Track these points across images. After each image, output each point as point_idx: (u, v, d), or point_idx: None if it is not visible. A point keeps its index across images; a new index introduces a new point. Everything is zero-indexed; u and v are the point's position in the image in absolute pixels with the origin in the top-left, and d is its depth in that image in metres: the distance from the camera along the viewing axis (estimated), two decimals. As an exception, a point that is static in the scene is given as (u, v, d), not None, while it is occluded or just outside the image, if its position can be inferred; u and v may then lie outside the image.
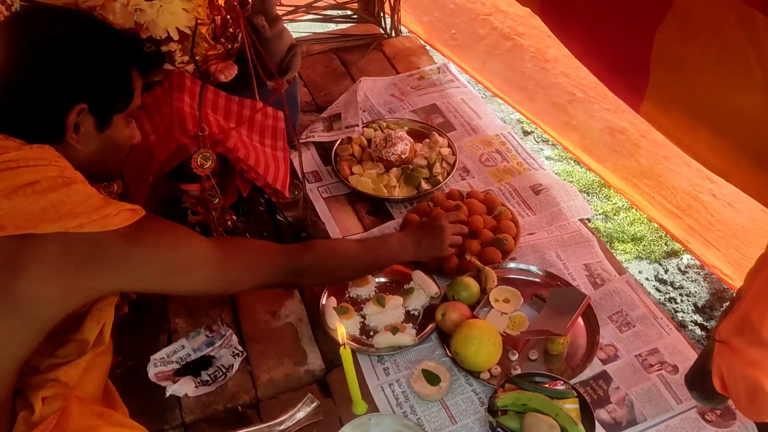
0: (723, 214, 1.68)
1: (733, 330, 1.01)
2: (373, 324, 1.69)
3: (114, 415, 1.25)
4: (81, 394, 1.28)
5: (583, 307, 1.57)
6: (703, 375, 1.14)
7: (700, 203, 1.73)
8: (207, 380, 1.54)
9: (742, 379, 1.01)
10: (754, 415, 1.04)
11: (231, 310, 1.72)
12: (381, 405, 1.52)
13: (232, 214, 1.91)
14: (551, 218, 1.95)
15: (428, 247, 1.66)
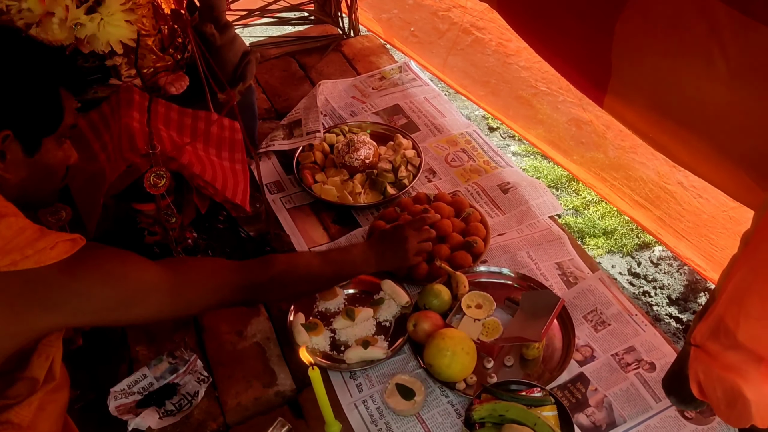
0: (692, 205, 1.65)
1: (708, 334, 0.98)
2: (343, 338, 1.63)
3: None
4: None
5: (557, 311, 1.54)
6: (680, 380, 1.11)
7: (668, 194, 1.70)
8: (172, 410, 1.47)
9: (719, 385, 0.98)
10: (734, 421, 1.01)
11: (195, 332, 1.66)
12: (355, 424, 1.46)
13: (193, 232, 1.84)
14: (521, 217, 1.91)
15: (392, 258, 1.60)
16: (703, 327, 0.99)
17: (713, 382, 1.00)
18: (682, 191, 1.66)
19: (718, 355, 0.97)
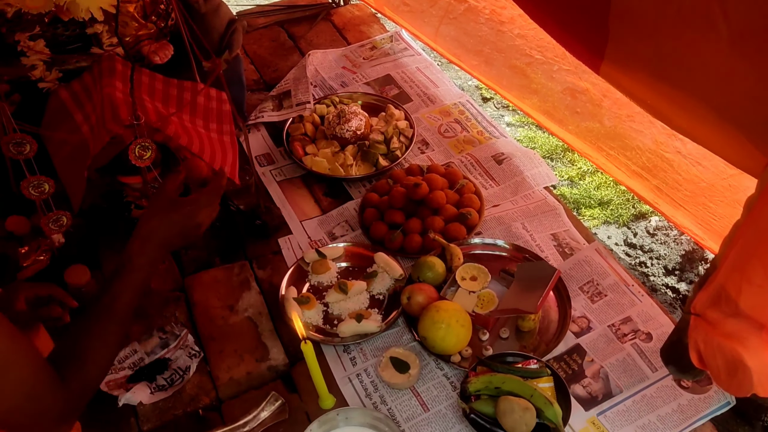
0: (690, 173, 1.63)
1: (708, 302, 0.96)
2: (336, 312, 1.61)
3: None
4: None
5: (553, 282, 1.51)
6: (679, 349, 1.09)
7: (666, 162, 1.67)
8: (163, 385, 1.45)
9: (720, 354, 0.97)
10: (735, 389, 0.99)
11: (185, 307, 1.63)
12: (349, 397, 1.45)
13: (181, 205, 1.80)
14: (515, 188, 1.88)
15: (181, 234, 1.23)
16: (704, 295, 0.97)
17: (713, 351, 0.98)
18: (680, 159, 1.64)
19: (718, 323, 0.95)
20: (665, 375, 1.41)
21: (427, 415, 1.40)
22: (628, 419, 1.36)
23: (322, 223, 1.85)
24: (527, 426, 1.27)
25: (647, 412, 1.36)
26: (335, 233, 1.82)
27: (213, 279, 1.68)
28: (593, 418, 1.37)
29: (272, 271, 1.71)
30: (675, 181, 1.68)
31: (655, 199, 1.74)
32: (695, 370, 1.09)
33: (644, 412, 1.36)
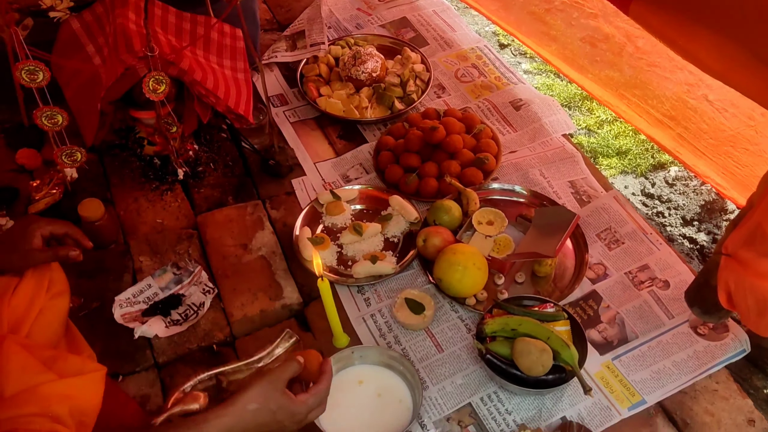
0: (715, 121, 1.59)
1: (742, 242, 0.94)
2: (350, 253, 1.60)
3: (69, 359, 1.14)
4: (36, 341, 1.18)
5: (572, 227, 1.50)
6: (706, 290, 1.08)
7: (691, 110, 1.63)
8: (178, 320, 1.45)
9: (751, 293, 0.95)
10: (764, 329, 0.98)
11: (199, 245, 1.61)
12: (363, 337, 1.44)
13: (194, 143, 1.77)
14: (533, 135, 1.85)
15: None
16: (737, 235, 0.95)
17: (744, 291, 0.97)
18: (706, 106, 1.60)
19: (751, 262, 0.94)
20: (682, 322, 1.41)
21: (442, 355, 1.40)
22: (643, 364, 1.36)
23: (336, 165, 1.82)
24: (544, 367, 1.27)
25: (662, 358, 1.36)
26: (349, 176, 1.80)
27: (226, 218, 1.66)
28: (608, 362, 1.37)
29: (286, 212, 1.70)
30: (699, 130, 1.64)
31: (677, 148, 1.71)
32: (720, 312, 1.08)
33: (659, 358, 1.36)
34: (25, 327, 1.19)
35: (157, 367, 1.40)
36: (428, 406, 1.32)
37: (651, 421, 1.29)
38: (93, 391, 1.15)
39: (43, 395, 1.06)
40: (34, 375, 1.10)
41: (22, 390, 1.06)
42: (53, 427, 1.03)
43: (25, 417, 1.02)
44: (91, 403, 1.14)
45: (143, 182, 1.73)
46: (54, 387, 1.08)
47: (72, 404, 1.08)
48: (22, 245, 1.21)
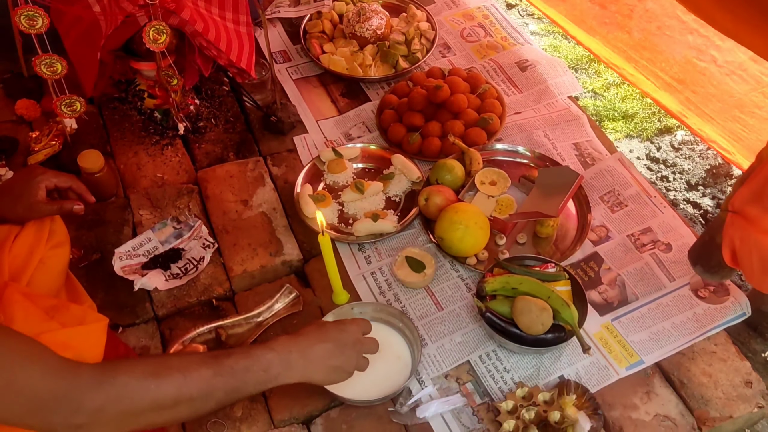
0: (723, 84, 1.57)
1: (749, 198, 0.93)
2: (352, 211, 1.59)
3: (71, 309, 1.14)
4: (36, 290, 1.18)
5: (575, 187, 1.48)
6: (710, 248, 1.07)
7: (699, 73, 1.61)
8: (177, 273, 1.44)
9: (756, 250, 0.94)
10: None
11: (199, 200, 1.60)
12: (363, 294, 1.44)
13: (195, 98, 1.75)
14: (538, 96, 1.83)
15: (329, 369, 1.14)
16: (745, 191, 0.94)
17: (749, 248, 0.96)
18: (714, 69, 1.57)
19: (757, 219, 0.93)
20: (682, 285, 1.40)
21: (441, 314, 1.40)
22: (642, 325, 1.36)
23: (339, 123, 1.80)
24: (543, 326, 1.27)
25: (662, 320, 1.36)
26: (352, 134, 1.78)
27: (227, 173, 1.65)
28: (608, 323, 1.37)
29: (287, 169, 1.68)
30: (707, 93, 1.62)
31: (684, 112, 1.69)
32: (723, 271, 1.07)
33: (659, 320, 1.36)
34: (25, 276, 1.19)
35: (156, 319, 1.41)
36: (427, 363, 1.33)
37: (648, 380, 1.30)
38: (95, 340, 1.15)
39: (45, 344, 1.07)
40: (36, 323, 1.10)
41: None
42: None
43: None
44: (93, 352, 1.14)
45: (143, 136, 1.71)
46: (56, 336, 1.08)
47: (74, 353, 1.08)
48: (27, 196, 1.21)
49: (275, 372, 1.07)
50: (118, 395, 0.90)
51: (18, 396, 0.83)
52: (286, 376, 1.08)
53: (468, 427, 1.24)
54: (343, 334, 1.16)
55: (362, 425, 1.24)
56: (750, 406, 1.26)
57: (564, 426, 1.19)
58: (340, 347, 1.14)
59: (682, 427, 1.24)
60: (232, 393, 1.03)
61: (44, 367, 0.85)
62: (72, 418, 0.86)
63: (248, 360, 1.05)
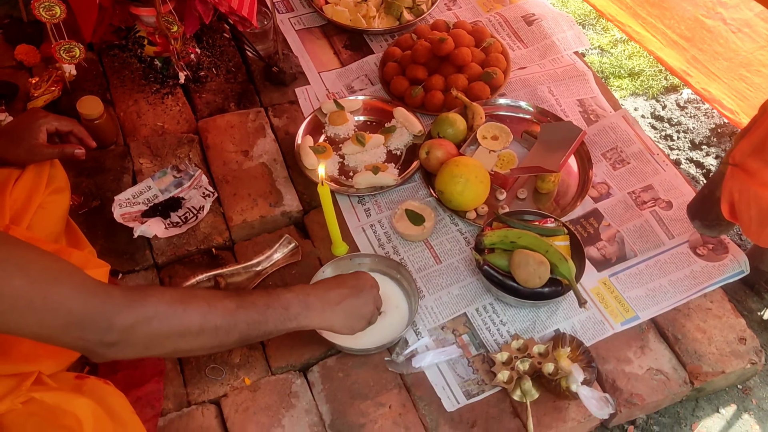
0: (730, 42, 1.54)
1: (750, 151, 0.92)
2: (352, 164, 1.58)
3: (72, 254, 1.15)
4: (36, 234, 1.18)
5: (578, 142, 1.47)
6: (709, 202, 1.06)
7: (707, 31, 1.58)
8: (177, 222, 1.45)
9: (755, 203, 0.94)
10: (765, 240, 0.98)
11: (199, 149, 1.60)
12: (362, 246, 1.45)
13: (195, 47, 1.73)
14: (544, 51, 1.80)
15: (348, 313, 1.15)
16: (746, 143, 0.93)
17: (748, 200, 0.95)
18: (722, 27, 1.54)
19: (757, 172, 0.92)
20: (682, 242, 1.40)
21: (439, 266, 1.41)
22: (639, 282, 1.36)
23: (341, 75, 1.78)
24: (540, 279, 1.27)
25: (659, 276, 1.37)
26: (354, 87, 1.76)
27: (227, 124, 1.64)
28: (605, 279, 1.37)
29: (288, 120, 1.67)
30: (714, 51, 1.59)
31: (689, 69, 1.66)
32: (721, 226, 1.07)
33: (656, 276, 1.37)
34: (25, 220, 1.20)
35: (156, 267, 1.42)
36: (424, 315, 1.34)
37: (642, 336, 1.31)
38: (97, 285, 1.16)
39: None
40: None
41: None
42: None
43: None
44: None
45: (143, 84, 1.70)
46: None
47: None
48: (28, 139, 1.20)
49: (295, 311, 1.08)
50: (148, 317, 0.92)
51: (53, 312, 0.84)
52: (306, 317, 1.10)
53: (463, 377, 1.25)
54: (359, 281, 1.19)
55: (358, 373, 1.26)
56: (743, 362, 1.28)
57: (557, 377, 1.20)
58: (356, 292, 1.16)
59: (674, 380, 1.25)
60: (254, 326, 1.04)
61: (78, 285, 0.87)
62: (104, 336, 0.88)
63: (269, 297, 1.08)
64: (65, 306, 0.85)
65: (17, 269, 0.81)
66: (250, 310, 1.04)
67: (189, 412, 1.21)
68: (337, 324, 1.15)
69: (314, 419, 1.21)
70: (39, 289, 0.83)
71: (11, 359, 0.99)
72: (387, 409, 1.22)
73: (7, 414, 0.94)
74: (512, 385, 1.22)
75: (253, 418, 1.20)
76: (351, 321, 1.16)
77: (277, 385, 1.25)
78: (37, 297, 0.82)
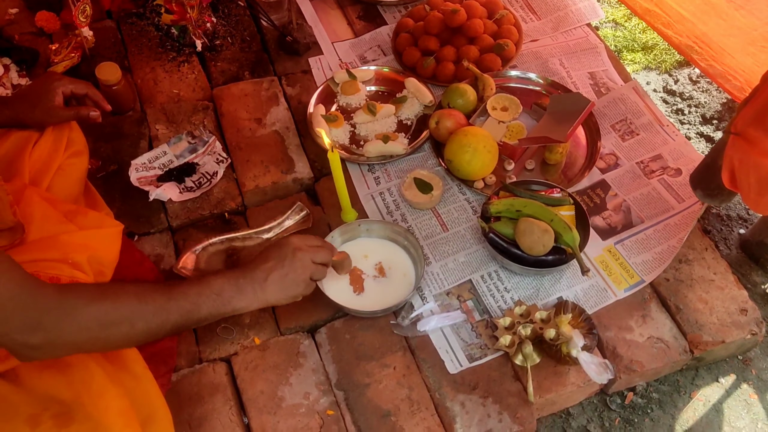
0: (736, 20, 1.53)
1: (751, 119, 0.93)
2: (363, 133, 1.61)
3: (89, 214, 1.20)
4: (56, 195, 1.23)
5: (586, 113, 1.48)
6: (711, 171, 1.07)
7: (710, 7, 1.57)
8: (191, 187, 1.48)
9: (754, 171, 0.95)
10: (763, 208, 0.99)
11: (213, 116, 1.63)
12: (371, 213, 1.48)
13: (211, 15, 1.75)
14: (557, 23, 1.80)
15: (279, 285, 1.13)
16: (748, 112, 0.94)
17: (747, 169, 0.97)
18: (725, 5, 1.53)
19: (758, 141, 0.93)
20: (691, 204, 1.40)
21: (446, 234, 1.44)
22: (646, 247, 1.38)
23: (354, 45, 1.80)
24: (544, 247, 1.29)
25: (667, 239, 1.37)
26: (367, 57, 1.78)
27: (241, 92, 1.67)
28: (610, 246, 1.39)
29: (301, 89, 1.70)
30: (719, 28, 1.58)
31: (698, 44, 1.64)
32: (722, 195, 1.08)
33: (664, 240, 1.37)
34: (45, 181, 1.24)
35: (170, 230, 1.46)
36: (429, 281, 1.37)
37: (645, 305, 1.33)
38: (111, 243, 1.20)
39: (63, 243, 1.12)
40: (55, 225, 1.15)
41: (43, 237, 1.12)
42: (72, 272, 1.09)
43: (47, 261, 1.07)
44: (109, 255, 1.20)
45: (160, 52, 1.73)
46: (74, 237, 1.14)
47: (90, 254, 1.14)
48: (45, 101, 1.24)
49: (228, 296, 1.08)
50: (77, 315, 0.92)
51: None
52: (240, 300, 1.09)
53: (466, 342, 1.29)
54: (281, 250, 1.15)
55: (365, 336, 1.30)
56: (743, 332, 1.29)
57: (558, 343, 1.23)
58: (279, 263, 1.13)
59: (674, 349, 1.28)
60: (187, 315, 1.04)
61: (10, 277, 0.86)
62: (30, 336, 0.88)
63: (200, 286, 1.07)
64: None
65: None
66: (180, 300, 1.03)
67: (201, 369, 1.26)
68: (272, 298, 1.13)
69: (321, 378, 1.25)
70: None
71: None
72: (391, 370, 1.26)
73: (23, 366, 0.99)
74: (514, 349, 1.25)
75: (262, 375, 1.25)
76: (285, 292, 1.14)
77: (286, 345, 1.29)
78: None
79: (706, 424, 1.29)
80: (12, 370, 0.97)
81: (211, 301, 1.06)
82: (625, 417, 1.29)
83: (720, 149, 1.07)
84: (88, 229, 1.18)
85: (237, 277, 1.10)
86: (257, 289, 1.11)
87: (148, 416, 1.02)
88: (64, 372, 0.99)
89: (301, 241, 1.17)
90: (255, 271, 1.12)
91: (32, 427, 0.91)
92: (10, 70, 1.60)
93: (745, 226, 1.53)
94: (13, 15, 1.72)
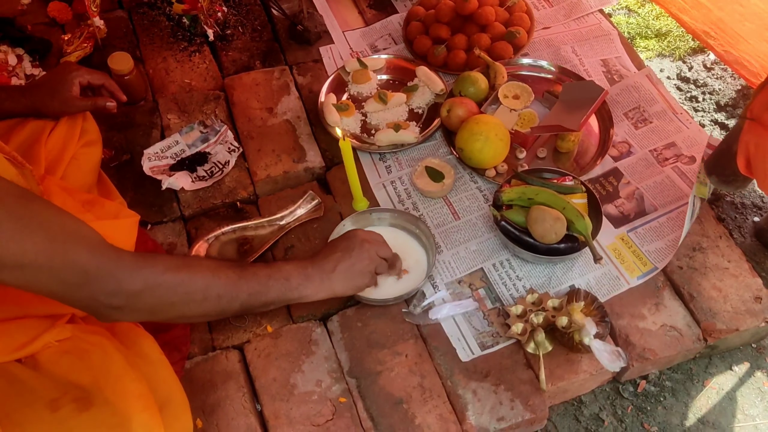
0: (753, 5, 1.51)
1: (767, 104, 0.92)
2: (374, 122, 1.60)
3: (105, 204, 1.20)
4: (70, 185, 1.23)
5: (599, 102, 1.47)
6: (726, 157, 1.06)
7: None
8: (203, 176, 1.49)
9: (770, 156, 0.94)
10: (779, 194, 0.98)
11: (225, 106, 1.63)
12: (383, 202, 1.48)
13: (222, 5, 1.75)
14: (569, 10, 1.79)
15: (346, 275, 1.17)
16: (764, 96, 0.93)
17: (764, 154, 0.96)
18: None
19: (774, 126, 0.92)
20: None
21: (458, 223, 1.43)
22: (659, 234, 1.37)
23: (365, 34, 1.80)
24: (556, 235, 1.29)
25: (681, 227, 1.36)
26: (377, 46, 1.77)
27: (253, 81, 1.67)
28: (623, 234, 1.38)
29: (312, 79, 1.70)
30: (739, 14, 1.56)
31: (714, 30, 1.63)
32: (738, 181, 1.07)
33: (677, 227, 1.36)
34: (59, 170, 1.25)
35: (183, 219, 1.47)
36: (441, 269, 1.37)
37: (658, 293, 1.32)
38: (127, 233, 1.21)
39: None
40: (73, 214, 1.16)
41: None
42: None
43: None
44: (126, 244, 1.19)
45: (172, 42, 1.73)
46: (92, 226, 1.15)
47: None
48: (62, 91, 1.25)
49: (296, 282, 1.11)
50: (155, 282, 0.95)
51: (70, 270, 0.87)
52: (306, 288, 1.13)
53: (478, 330, 1.29)
54: (349, 242, 1.20)
55: (376, 324, 1.30)
56: (757, 320, 1.29)
57: (571, 331, 1.23)
58: (347, 253, 1.17)
59: (688, 337, 1.27)
60: (255, 296, 1.07)
61: (92, 245, 0.90)
62: (112, 298, 0.91)
63: (270, 269, 1.11)
64: (79, 264, 0.87)
65: (39, 227, 0.84)
66: (251, 280, 1.06)
67: (214, 356, 1.27)
68: (339, 289, 1.17)
69: (333, 366, 1.25)
70: (58, 247, 0.85)
71: (45, 300, 1.05)
72: (403, 358, 1.26)
73: (43, 352, 1.00)
74: (526, 337, 1.25)
75: (275, 363, 1.25)
76: (352, 282, 1.18)
77: (298, 333, 1.29)
78: (57, 255, 0.85)
79: (720, 412, 1.28)
80: (32, 357, 0.99)
81: (280, 285, 1.09)
82: (638, 405, 1.28)
83: (735, 135, 1.06)
84: (105, 219, 1.19)
85: (305, 266, 1.14)
86: (324, 278, 1.14)
87: (166, 400, 1.03)
88: (83, 357, 1.00)
89: (367, 234, 1.22)
90: (323, 261, 1.15)
91: (53, 411, 0.93)
92: (23, 61, 1.61)
93: (760, 214, 1.51)
94: (26, 5, 1.73)
